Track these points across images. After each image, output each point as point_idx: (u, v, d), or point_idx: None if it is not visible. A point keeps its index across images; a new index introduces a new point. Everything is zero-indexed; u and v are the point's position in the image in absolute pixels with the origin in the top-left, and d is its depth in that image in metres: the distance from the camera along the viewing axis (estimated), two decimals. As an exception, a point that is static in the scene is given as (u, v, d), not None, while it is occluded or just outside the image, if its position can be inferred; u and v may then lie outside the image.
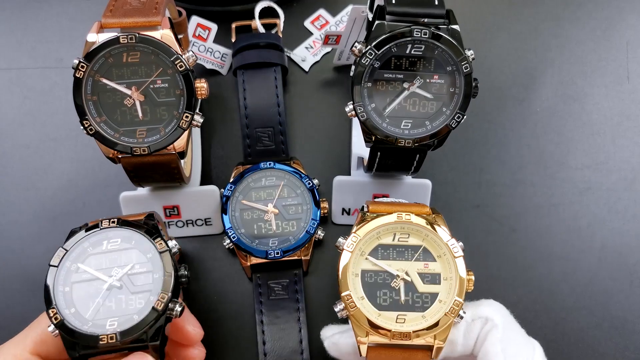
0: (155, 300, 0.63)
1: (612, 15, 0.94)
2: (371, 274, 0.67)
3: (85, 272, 0.64)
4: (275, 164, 0.81)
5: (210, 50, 0.91)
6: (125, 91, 0.67)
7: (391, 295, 0.67)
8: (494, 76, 0.92)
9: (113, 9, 0.67)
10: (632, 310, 0.83)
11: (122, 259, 0.65)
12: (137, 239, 0.65)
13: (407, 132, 0.71)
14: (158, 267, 0.64)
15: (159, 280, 0.64)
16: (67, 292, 0.64)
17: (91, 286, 0.64)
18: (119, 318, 0.63)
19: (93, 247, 0.65)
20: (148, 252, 0.65)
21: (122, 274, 0.64)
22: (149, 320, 0.62)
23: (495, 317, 0.66)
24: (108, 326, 0.62)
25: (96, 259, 0.65)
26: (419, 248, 0.68)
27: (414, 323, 0.66)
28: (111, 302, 0.64)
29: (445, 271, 0.67)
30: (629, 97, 0.91)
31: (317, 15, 0.95)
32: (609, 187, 0.87)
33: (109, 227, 0.65)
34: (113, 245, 0.65)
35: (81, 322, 0.62)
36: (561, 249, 0.85)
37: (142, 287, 0.64)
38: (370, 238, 0.68)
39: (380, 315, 0.66)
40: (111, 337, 0.61)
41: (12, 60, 0.92)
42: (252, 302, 0.82)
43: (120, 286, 0.64)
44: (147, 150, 0.67)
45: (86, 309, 0.63)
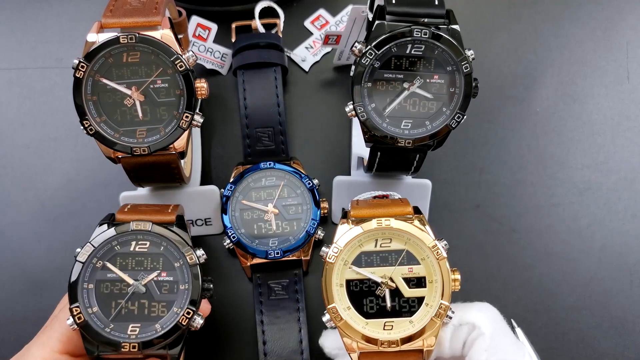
0: (181, 315, 0.63)
1: (612, 15, 0.94)
2: (356, 283, 0.67)
3: (111, 272, 0.64)
4: (275, 164, 0.81)
5: (210, 50, 0.91)
6: (125, 91, 0.67)
7: (377, 302, 0.66)
8: (494, 76, 0.92)
9: (113, 9, 0.67)
10: (632, 310, 0.83)
11: (149, 263, 0.65)
12: (166, 245, 0.65)
13: (407, 132, 0.71)
14: (185, 279, 0.64)
15: (184, 292, 0.64)
16: (91, 289, 0.63)
17: (115, 287, 0.64)
18: (141, 325, 0.63)
19: (121, 246, 0.65)
20: (176, 261, 0.65)
21: (149, 279, 0.64)
22: (172, 334, 0.62)
23: (483, 325, 0.65)
24: (129, 331, 0.62)
25: (122, 259, 0.65)
26: (401, 252, 0.67)
27: (401, 329, 0.65)
28: (134, 306, 0.64)
29: (430, 274, 0.66)
30: (629, 97, 0.91)
31: (317, 15, 0.95)
32: (609, 187, 0.87)
33: (140, 230, 0.65)
34: (141, 247, 0.65)
35: (103, 323, 0.63)
36: (561, 249, 0.85)
37: (167, 296, 0.64)
38: (352, 247, 0.67)
39: (368, 324, 0.66)
40: (133, 345, 0.61)
41: (12, 60, 0.92)
42: (252, 302, 0.82)
43: (145, 291, 0.64)
44: (147, 150, 0.67)
45: (108, 309, 0.63)
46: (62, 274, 0.84)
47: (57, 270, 0.85)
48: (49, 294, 0.84)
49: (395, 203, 0.71)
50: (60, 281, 0.83)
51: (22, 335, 0.83)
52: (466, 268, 0.68)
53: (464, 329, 0.66)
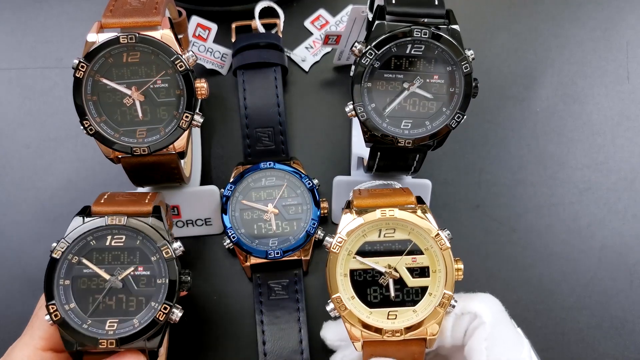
0: (158, 310, 0.62)
1: (612, 15, 0.94)
2: (360, 272, 0.67)
3: (87, 267, 0.64)
4: (275, 164, 0.81)
5: (210, 50, 0.91)
6: (125, 91, 0.67)
7: (381, 292, 0.67)
8: (494, 76, 0.92)
9: (113, 9, 0.67)
10: (632, 310, 0.83)
11: (125, 258, 0.64)
12: (142, 239, 0.64)
13: (407, 132, 0.71)
14: (161, 273, 0.64)
15: (161, 286, 0.64)
16: (67, 285, 0.63)
17: (92, 282, 0.64)
18: (119, 320, 0.63)
19: (97, 241, 0.64)
20: (152, 255, 0.64)
21: (125, 274, 0.64)
22: (150, 330, 0.62)
23: (484, 314, 0.66)
24: (107, 327, 0.62)
25: (99, 254, 0.64)
26: (405, 242, 0.67)
27: (405, 318, 0.66)
28: (111, 301, 0.63)
29: (434, 263, 0.67)
30: (629, 97, 0.91)
31: (317, 15, 0.95)
32: (609, 187, 0.87)
33: (115, 225, 0.64)
34: (117, 242, 0.65)
35: (80, 319, 0.62)
36: (561, 249, 0.85)
37: (144, 290, 0.64)
38: (356, 237, 0.67)
39: (372, 314, 0.66)
40: (111, 342, 0.61)
41: (12, 60, 0.92)
42: (252, 302, 0.82)
43: (122, 286, 0.63)
44: (147, 150, 0.67)
45: (86, 305, 0.63)
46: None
47: (57, 270, 0.85)
48: (49, 294, 0.84)
49: (397, 192, 0.71)
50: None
51: (22, 335, 0.83)
52: (466, 268, 0.68)
53: (465, 319, 0.67)
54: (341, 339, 0.74)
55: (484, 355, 0.64)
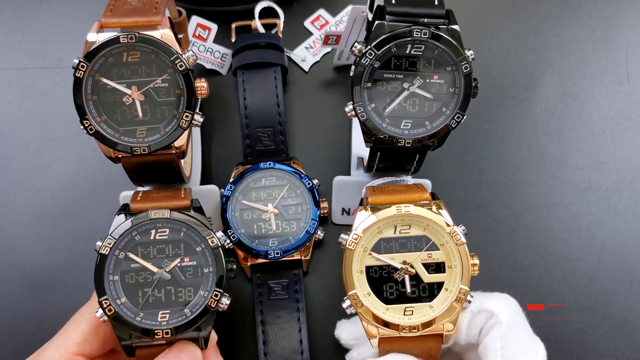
0: (209, 298, 0.64)
1: (612, 15, 0.94)
2: (376, 269, 0.67)
3: (134, 262, 0.65)
4: (275, 164, 0.81)
5: (210, 50, 0.91)
6: (126, 91, 0.67)
7: (397, 288, 0.67)
8: (494, 76, 0.92)
9: (113, 8, 0.67)
10: (632, 310, 0.83)
11: (170, 250, 0.66)
12: (185, 231, 0.66)
13: (407, 132, 0.71)
14: (208, 262, 0.65)
15: (209, 275, 0.65)
16: (116, 281, 0.64)
17: (140, 276, 0.65)
18: (171, 310, 0.64)
19: (141, 235, 0.66)
20: (197, 246, 0.66)
21: (172, 266, 0.65)
22: (202, 317, 0.64)
23: (501, 313, 0.66)
24: (160, 318, 0.64)
25: (144, 248, 0.65)
26: (421, 238, 0.68)
27: (421, 314, 0.66)
28: (161, 293, 0.65)
29: (449, 259, 0.67)
30: (629, 97, 0.91)
31: (317, 15, 0.95)
32: (609, 187, 0.87)
33: (159, 218, 0.65)
34: (161, 235, 0.66)
35: (133, 313, 0.64)
36: (561, 249, 0.85)
37: (192, 280, 0.65)
38: (371, 234, 0.68)
39: (388, 310, 0.67)
40: (166, 332, 0.63)
41: (12, 60, 0.92)
42: (252, 302, 0.82)
43: (170, 278, 0.65)
44: (147, 149, 0.67)
45: (136, 299, 0.64)
46: (62, 274, 0.85)
47: (57, 270, 0.85)
48: (49, 294, 0.84)
49: (411, 189, 0.72)
50: (60, 281, 0.84)
51: (22, 335, 0.83)
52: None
53: (481, 317, 0.67)
54: (356, 337, 0.75)
55: (498, 354, 0.64)
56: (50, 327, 0.82)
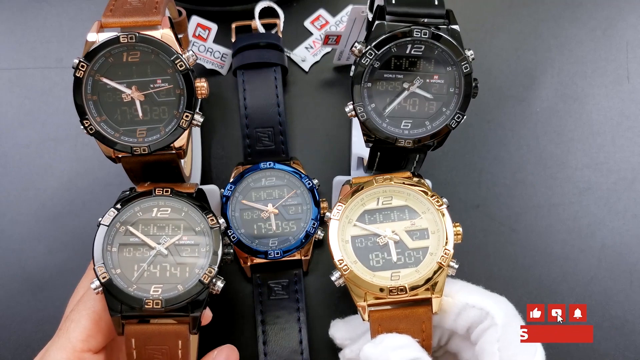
0: (203, 273, 0.64)
1: (612, 15, 0.94)
2: (361, 239, 0.69)
3: (134, 236, 0.66)
4: (275, 164, 0.81)
5: (210, 50, 0.91)
6: (126, 90, 0.67)
7: (383, 256, 0.69)
8: (494, 76, 0.92)
9: (113, 8, 0.67)
10: (632, 310, 0.83)
11: (170, 228, 0.66)
12: (187, 211, 0.67)
13: (407, 132, 0.71)
14: (206, 242, 0.66)
15: (205, 254, 0.65)
16: (114, 252, 0.65)
17: (138, 250, 0.65)
18: (163, 286, 0.64)
19: (143, 212, 0.67)
20: (197, 226, 0.66)
21: (170, 243, 0.66)
22: (194, 292, 0.63)
23: (497, 315, 0.66)
24: (152, 292, 0.64)
25: (144, 224, 0.66)
26: (403, 208, 0.70)
27: (408, 277, 0.67)
28: (156, 268, 0.65)
29: (432, 225, 0.69)
30: (629, 97, 0.91)
31: (317, 15, 0.95)
32: (609, 187, 0.87)
33: (161, 196, 0.67)
34: (163, 213, 0.67)
35: (126, 283, 0.64)
36: (561, 249, 0.85)
37: (189, 258, 0.66)
38: (355, 205, 0.70)
39: (375, 276, 0.67)
40: (156, 302, 0.62)
41: (12, 60, 0.92)
42: (252, 303, 0.82)
43: (167, 255, 0.65)
44: (147, 149, 0.67)
45: (131, 272, 0.65)
46: (62, 274, 0.85)
47: (57, 270, 0.85)
48: (49, 294, 0.84)
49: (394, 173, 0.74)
50: (60, 281, 0.84)
51: (22, 335, 0.83)
52: (466, 268, 0.68)
53: (473, 312, 0.67)
54: (350, 337, 0.75)
55: (496, 356, 0.64)
56: (50, 327, 0.82)
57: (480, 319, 0.66)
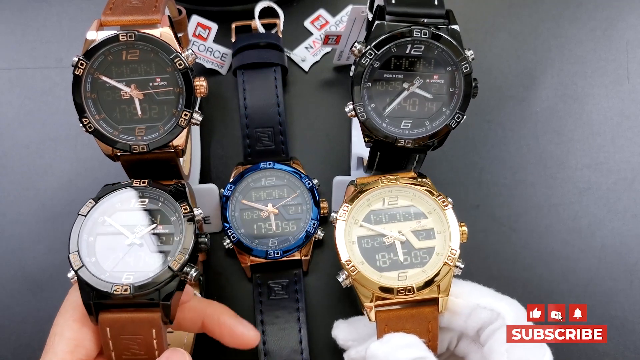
0: (172, 260, 0.64)
1: (612, 15, 0.94)
2: (367, 240, 0.69)
3: (111, 226, 0.66)
4: (275, 164, 0.81)
5: (210, 50, 0.91)
6: (125, 89, 0.67)
7: (390, 256, 0.69)
8: (494, 76, 0.92)
9: (113, 6, 0.67)
10: (632, 310, 0.83)
11: (147, 218, 0.67)
12: (163, 201, 0.67)
13: (407, 132, 0.71)
14: (180, 230, 0.66)
15: (178, 242, 0.65)
16: (91, 242, 0.65)
17: (114, 240, 0.66)
18: (135, 273, 0.64)
19: (121, 203, 0.67)
20: (172, 215, 0.67)
21: (145, 232, 0.66)
22: (163, 279, 0.63)
23: (508, 316, 0.66)
24: (124, 279, 0.63)
25: (123, 215, 0.67)
26: (409, 208, 0.70)
27: (415, 278, 0.67)
28: (130, 257, 0.65)
29: (438, 225, 0.69)
30: (629, 97, 0.91)
31: (317, 15, 0.95)
32: (609, 187, 0.87)
33: (139, 186, 0.67)
34: (140, 204, 0.67)
35: (99, 271, 0.64)
36: (561, 249, 0.85)
37: (162, 247, 0.66)
38: (361, 206, 0.70)
39: (382, 276, 0.68)
40: (125, 288, 0.62)
41: (12, 60, 0.92)
42: (252, 302, 0.82)
43: (141, 244, 0.66)
44: (146, 148, 0.67)
45: (105, 260, 0.65)
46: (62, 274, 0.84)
47: (57, 270, 0.85)
48: (48, 294, 0.84)
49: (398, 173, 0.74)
50: (60, 281, 0.84)
51: (22, 335, 0.83)
52: (466, 268, 0.68)
53: (484, 313, 0.67)
54: (353, 338, 0.75)
55: (504, 357, 0.64)
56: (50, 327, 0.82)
57: (491, 320, 0.66)
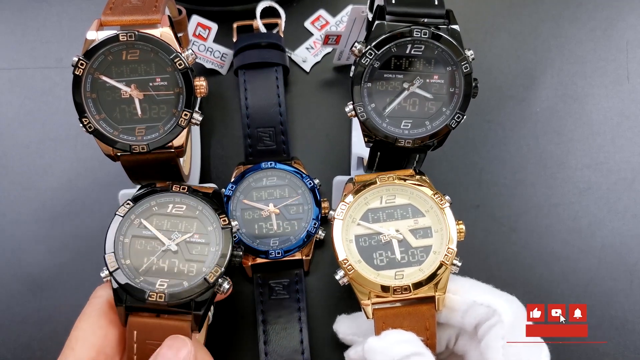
0: (209, 272, 0.64)
1: (612, 15, 0.94)
2: (365, 238, 0.69)
3: (147, 229, 0.67)
4: (277, 164, 0.81)
5: (210, 50, 0.91)
6: (125, 89, 0.67)
7: (387, 255, 0.69)
8: (494, 76, 0.92)
9: (113, 6, 0.67)
10: (632, 310, 0.83)
11: (183, 225, 0.67)
12: (201, 210, 0.68)
13: (407, 132, 0.71)
14: (216, 242, 0.66)
15: (214, 253, 0.66)
16: (126, 243, 0.66)
17: (149, 244, 0.66)
18: (169, 280, 0.65)
19: (158, 207, 0.68)
20: (209, 225, 0.67)
21: (181, 239, 0.66)
22: (198, 290, 0.64)
23: (504, 314, 0.66)
24: (158, 285, 0.64)
25: (158, 219, 0.67)
26: (406, 206, 0.70)
27: (412, 276, 0.68)
28: (164, 263, 0.66)
29: (435, 223, 0.69)
30: (629, 97, 0.91)
31: (317, 15, 0.95)
32: (609, 187, 0.87)
33: (178, 192, 0.68)
34: (178, 210, 0.68)
35: (134, 275, 0.64)
36: (561, 249, 0.85)
37: (197, 256, 0.66)
38: (358, 204, 0.70)
39: (379, 275, 0.68)
40: (160, 295, 0.63)
41: (12, 60, 0.92)
42: (253, 302, 0.82)
43: (176, 251, 0.66)
44: (146, 148, 0.67)
45: (140, 263, 0.65)
46: (62, 274, 0.85)
47: (57, 270, 0.85)
48: (49, 294, 0.84)
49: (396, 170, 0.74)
50: (60, 281, 0.84)
51: (22, 335, 0.83)
52: (466, 268, 0.68)
53: (481, 309, 0.67)
54: (353, 332, 0.75)
55: (499, 353, 0.64)
56: (50, 327, 0.83)
57: (487, 317, 0.67)
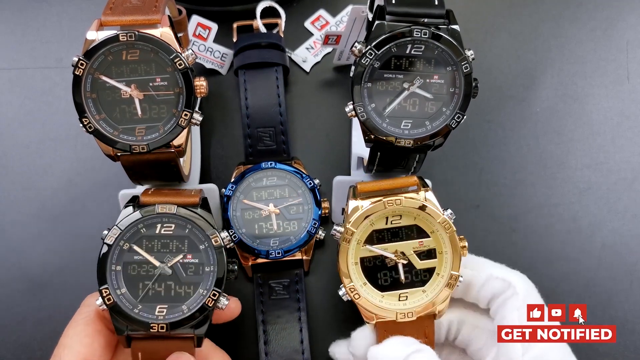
0: (207, 297, 0.65)
1: (612, 15, 0.94)
2: (370, 259, 0.70)
3: (137, 254, 0.66)
4: (277, 164, 0.81)
5: (210, 50, 0.91)
6: (125, 89, 0.67)
7: (391, 275, 0.70)
8: (494, 76, 0.92)
9: (113, 6, 0.67)
10: (632, 310, 0.83)
11: (174, 246, 0.67)
12: (191, 228, 0.67)
13: (407, 132, 0.71)
14: (210, 261, 0.66)
15: (209, 274, 0.66)
16: (118, 271, 0.65)
17: (142, 268, 0.66)
18: (168, 306, 0.65)
19: (147, 229, 0.67)
20: (201, 244, 0.67)
21: (174, 261, 0.66)
22: (198, 316, 0.64)
23: (518, 286, 0.68)
24: (157, 312, 0.64)
25: (149, 241, 0.66)
26: (412, 227, 0.70)
27: (415, 299, 0.69)
28: (160, 287, 0.66)
29: (440, 245, 0.70)
30: (629, 97, 0.91)
31: (317, 15, 0.95)
32: (609, 187, 0.87)
33: (165, 213, 0.66)
34: (167, 230, 0.67)
35: (131, 304, 0.64)
36: (561, 249, 0.85)
37: (193, 278, 0.66)
38: (364, 226, 0.70)
39: (384, 297, 0.69)
40: (162, 326, 0.63)
41: (12, 60, 0.92)
42: (253, 302, 0.82)
43: (171, 273, 0.66)
44: (146, 148, 0.67)
45: (136, 290, 0.65)
46: (62, 274, 0.85)
47: (57, 270, 0.85)
48: (48, 294, 0.84)
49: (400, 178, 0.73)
50: (60, 281, 0.84)
51: (22, 335, 0.83)
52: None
53: (497, 283, 0.69)
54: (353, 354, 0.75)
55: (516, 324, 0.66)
56: (50, 327, 0.83)
57: (503, 290, 0.68)
